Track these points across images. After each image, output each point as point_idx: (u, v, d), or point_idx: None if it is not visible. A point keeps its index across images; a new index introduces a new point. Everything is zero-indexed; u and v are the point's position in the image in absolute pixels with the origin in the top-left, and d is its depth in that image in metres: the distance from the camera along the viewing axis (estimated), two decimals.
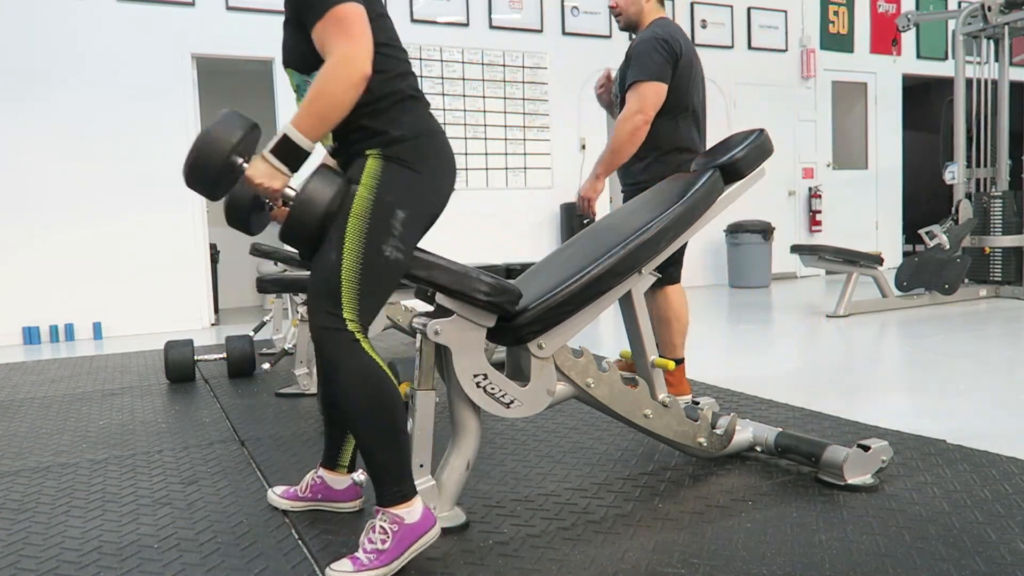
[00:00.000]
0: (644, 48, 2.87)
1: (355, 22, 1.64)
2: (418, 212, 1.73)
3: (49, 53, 5.61)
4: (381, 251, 1.66)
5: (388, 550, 1.62)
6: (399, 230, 1.68)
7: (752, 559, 1.64)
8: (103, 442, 2.81)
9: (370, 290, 1.66)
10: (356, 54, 1.62)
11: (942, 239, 5.79)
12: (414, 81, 1.82)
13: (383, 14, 1.77)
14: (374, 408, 1.64)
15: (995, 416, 2.80)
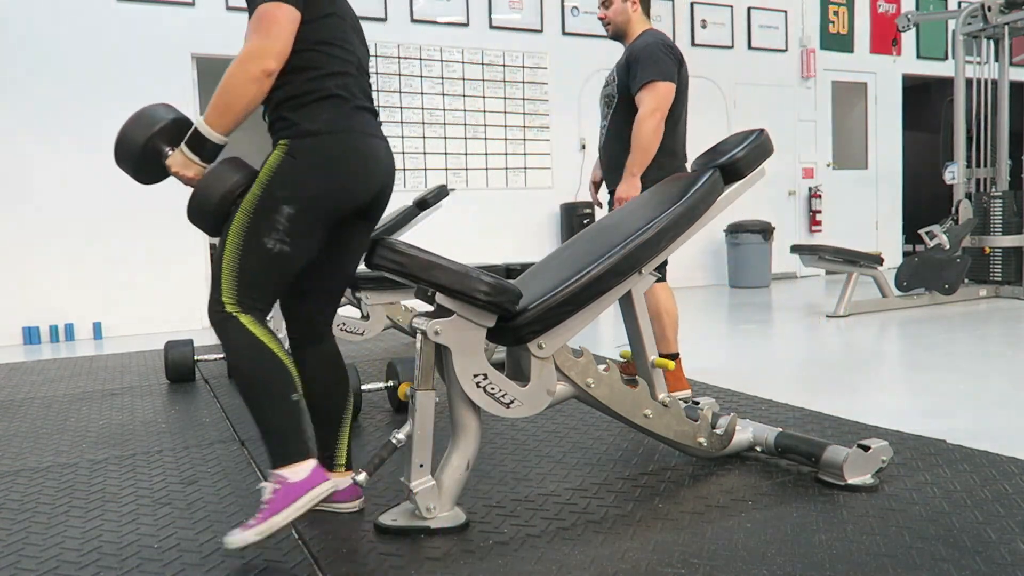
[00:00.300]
0: (652, 51, 3.02)
1: (274, 21, 1.72)
2: (309, 207, 1.77)
3: (49, 53, 5.61)
4: (263, 244, 1.75)
5: (270, 507, 1.69)
6: (284, 224, 1.75)
7: (752, 559, 1.64)
8: (103, 442, 2.81)
9: (254, 279, 1.76)
10: (262, 50, 1.71)
11: (942, 239, 5.79)
12: (348, 82, 1.87)
13: (331, 14, 1.86)
14: (255, 378, 1.73)
15: (995, 416, 2.80)
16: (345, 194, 1.82)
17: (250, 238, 1.74)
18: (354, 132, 1.84)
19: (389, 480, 2.19)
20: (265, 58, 1.71)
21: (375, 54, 6.59)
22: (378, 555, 1.73)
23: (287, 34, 1.74)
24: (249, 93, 1.73)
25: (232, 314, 1.74)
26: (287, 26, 1.74)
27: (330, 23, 1.85)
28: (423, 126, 6.82)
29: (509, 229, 7.16)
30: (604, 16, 3.21)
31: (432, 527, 1.83)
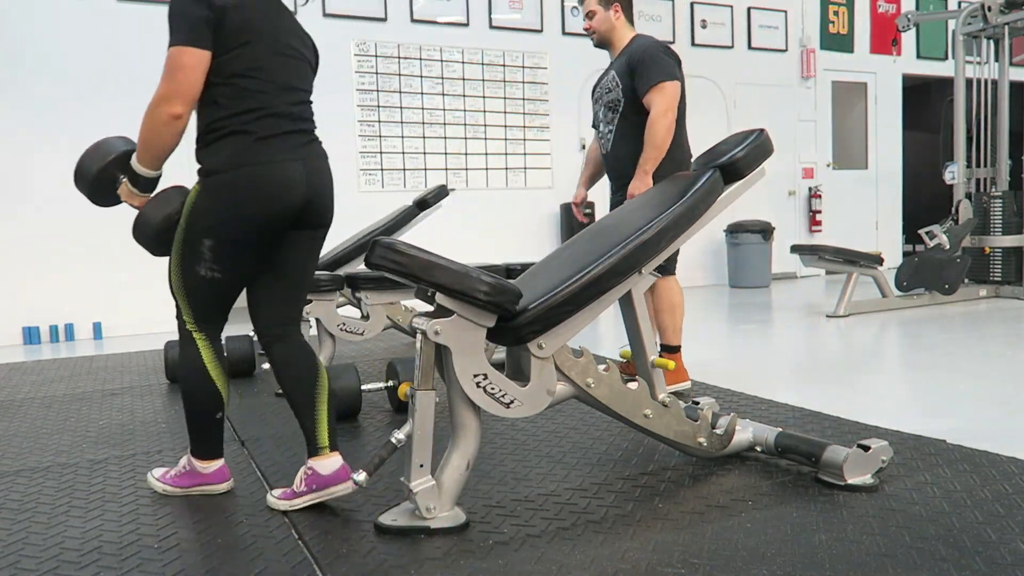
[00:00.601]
0: (653, 53, 3.15)
1: (179, 68, 1.86)
2: (225, 238, 1.96)
3: (49, 53, 5.61)
4: (196, 272, 1.99)
5: (180, 477, 2.18)
6: (208, 255, 1.97)
7: (752, 559, 1.64)
8: (103, 442, 2.81)
9: (200, 301, 2.05)
10: (167, 96, 1.87)
11: (942, 239, 5.79)
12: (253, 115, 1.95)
13: (245, 43, 1.92)
14: (190, 392, 2.10)
15: (995, 416, 2.80)
16: (256, 220, 1.96)
17: (186, 268, 2.00)
18: (257, 164, 1.94)
19: (389, 480, 2.19)
20: (171, 104, 1.87)
21: (375, 54, 6.59)
22: (378, 555, 1.73)
23: (192, 79, 1.87)
24: (162, 135, 1.92)
25: (192, 334, 2.08)
26: (192, 72, 1.87)
27: (244, 53, 1.93)
28: (423, 126, 6.82)
29: (509, 229, 7.16)
30: (589, 27, 3.33)
31: (432, 527, 1.83)
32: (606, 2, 3.28)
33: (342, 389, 2.92)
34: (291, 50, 2.06)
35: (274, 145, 1.98)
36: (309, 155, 2.07)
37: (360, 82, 6.55)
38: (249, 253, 2.01)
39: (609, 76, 3.30)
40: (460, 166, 6.97)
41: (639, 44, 3.22)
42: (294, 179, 1.99)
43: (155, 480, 2.22)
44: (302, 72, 2.11)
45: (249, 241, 1.99)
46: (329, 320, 3.54)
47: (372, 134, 6.62)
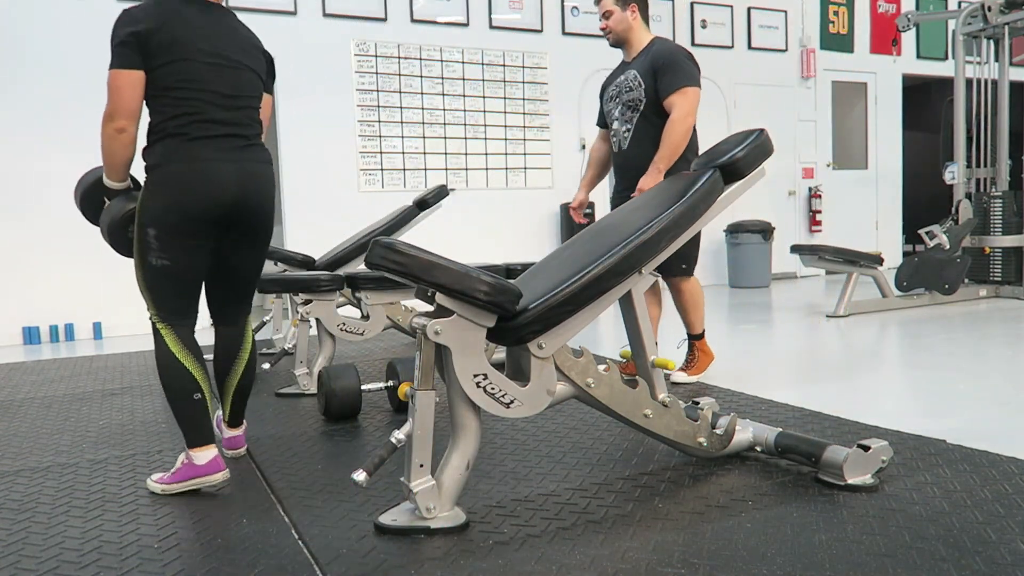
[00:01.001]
0: (677, 59, 3.25)
1: (114, 87, 2.12)
2: (162, 226, 2.17)
3: (49, 53, 5.61)
4: (149, 262, 2.20)
5: (175, 474, 2.24)
6: (154, 243, 2.17)
7: (752, 559, 1.64)
8: (103, 442, 2.81)
9: (159, 292, 2.23)
10: (111, 113, 2.13)
11: (942, 239, 5.79)
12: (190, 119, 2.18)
13: (173, 61, 2.15)
14: (167, 382, 2.24)
15: (995, 416, 2.80)
16: (187, 211, 2.18)
17: (142, 260, 2.21)
18: (185, 161, 2.18)
19: (389, 480, 2.19)
20: (115, 120, 2.13)
21: (375, 54, 6.59)
22: (378, 555, 1.73)
23: (129, 95, 2.13)
24: (114, 147, 2.17)
25: (156, 327, 2.24)
26: (128, 89, 2.12)
27: (172, 69, 2.16)
28: (423, 126, 6.82)
29: (509, 229, 7.16)
30: (605, 26, 3.40)
31: (432, 527, 1.83)
32: (623, 2, 3.34)
33: (342, 389, 2.93)
34: (228, 61, 2.26)
35: (205, 146, 2.20)
36: (243, 158, 2.27)
37: (360, 82, 6.55)
38: (188, 242, 2.22)
39: (629, 75, 3.36)
40: (460, 166, 6.97)
41: (662, 47, 3.32)
42: (222, 177, 2.21)
43: (154, 483, 2.26)
44: (242, 80, 2.30)
45: (185, 231, 2.20)
46: (329, 320, 3.54)
47: (372, 134, 6.62)
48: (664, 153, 3.17)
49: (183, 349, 2.23)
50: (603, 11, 3.38)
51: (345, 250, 4.31)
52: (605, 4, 3.37)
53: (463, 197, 6.83)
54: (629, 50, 3.42)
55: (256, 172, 2.30)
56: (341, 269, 4.15)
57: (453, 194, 5.35)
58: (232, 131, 2.25)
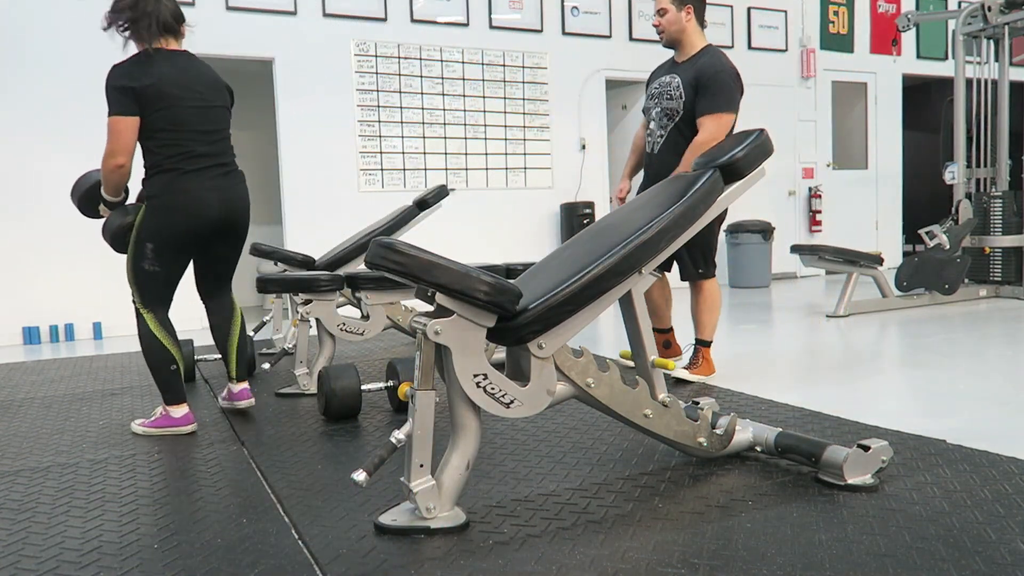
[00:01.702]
0: (721, 79, 3.22)
1: (115, 131, 2.61)
2: (160, 242, 2.75)
3: (49, 54, 5.61)
4: (142, 267, 2.78)
5: (155, 421, 2.87)
6: (151, 254, 2.76)
7: (752, 559, 1.64)
8: (103, 442, 2.81)
9: (146, 288, 2.82)
10: (112, 152, 2.63)
11: (942, 239, 5.79)
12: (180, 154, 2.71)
13: (165, 107, 2.65)
14: (148, 354, 2.80)
15: (995, 416, 2.80)
16: (181, 232, 2.76)
17: (136, 264, 2.79)
18: (180, 193, 2.72)
19: (389, 480, 2.19)
20: (115, 158, 2.64)
21: (375, 54, 6.59)
22: (378, 555, 1.73)
23: (127, 137, 2.62)
24: (113, 179, 2.70)
25: (140, 310, 2.82)
26: (126, 132, 2.61)
27: (162, 115, 2.65)
28: (423, 126, 6.82)
29: (509, 229, 7.16)
30: (659, 24, 3.37)
31: (432, 527, 1.83)
32: (680, 2, 3.31)
33: (342, 389, 2.93)
34: (205, 102, 2.76)
35: (195, 179, 2.74)
36: (224, 186, 2.82)
37: (360, 82, 6.55)
38: (178, 255, 2.83)
39: (674, 83, 3.36)
40: (460, 166, 6.97)
41: (712, 61, 3.27)
42: (209, 204, 2.77)
43: (137, 426, 2.89)
44: (217, 116, 2.82)
45: (177, 246, 2.80)
46: (329, 320, 3.54)
47: (372, 134, 6.62)
48: (682, 169, 3.17)
49: (161, 329, 2.81)
50: (658, 7, 3.34)
51: (345, 250, 4.31)
52: (661, 1, 3.33)
53: (463, 197, 6.83)
54: (681, 52, 3.40)
55: (236, 195, 2.87)
56: (341, 269, 4.15)
57: (453, 194, 5.35)
58: (214, 162, 2.79)
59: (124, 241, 2.79)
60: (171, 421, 2.85)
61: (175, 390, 2.84)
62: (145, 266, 2.76)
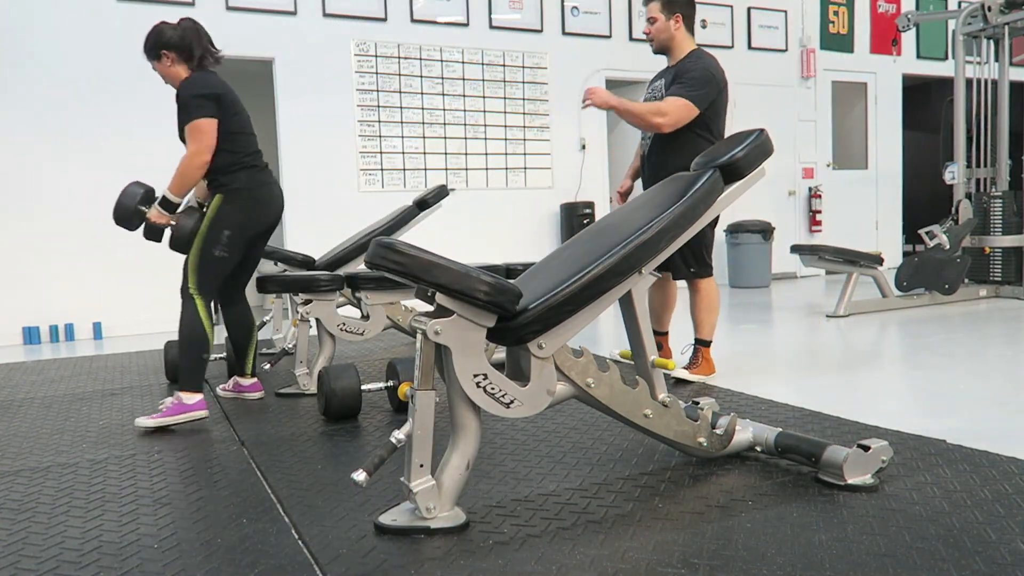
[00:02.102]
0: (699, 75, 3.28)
1: (203, 132, 2.92)
2: (237, 231, 3.01)
3: (50, 54, 5.61)
4: (212, 253, 2.98)
5: (169, 410, 2.93)
6: (225, 241, 2.99)
7: (752, 559, 1.64)
8: (103, 442, 2.81)
9: (207, 275, 3.00)
10: (199, 152, 2.92)
11: (942, 239, 5.78)
12: (252, 154, 3.08)
13: (234, 112, 3.01)
14: (188, 337, 2.96)
15: (995, 416, 2.80)
16: (254, 222, 3.08)
17: (206, 250, 2.97)
18: (263, 186, 3.09)
19: (389, 480, 2.19)
20: (202, 155, 2.92)
21: (375, 54, 6.60)
22: (378, 555, 1.73)
23: (211, 137, 2.93)
24: (196, 176, 2.97)
25: (192, 295, 2.96)
26: (210, 132, 2.93)
27: (235, 120, 3.02)
28: (423, 126, 6.82)
29: (509, 229, 7.16)
30: (649, 31, 3.43)
31: (432, 527, 1.83)
32: (668, 11, 3.36)
33: (342, 389, 2.93)
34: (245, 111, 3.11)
35: (265, 174, 3.12)
36: (277, 183, 3.22)
37: (360, 82, 6.55)
38: (245, 245, 3.08)
39: (661, 85, 3.44)
40: (460, 166, 6.97)
41: (694, 61, 3.33)
42: (278, 199, 3.18)
43: (147, 420, 2.89)
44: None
45: (248, 237, 3.07)
46: (329, 320, 3.54)
47: (372, 134, 6.63)
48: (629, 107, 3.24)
49: (207, 316, 2.97)
50: (648, 16, 3.41)
51: (345, 250, 4.31)
52: (651, 10, 3.39)
53: (463, 197, 6.83)
54: (671, 57, 3.45)
55: (282, 192, 3.24)
56: (341, 269, 4.15)
57: (453, 194, 5.35)
58: (265, 162, 3.17)
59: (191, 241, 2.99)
60: (185, 407, 2.93)
61: (197, 378, 2.97)
62: (216, 252, 2.96)
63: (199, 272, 2.96)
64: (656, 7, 3.36)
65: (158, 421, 2.89)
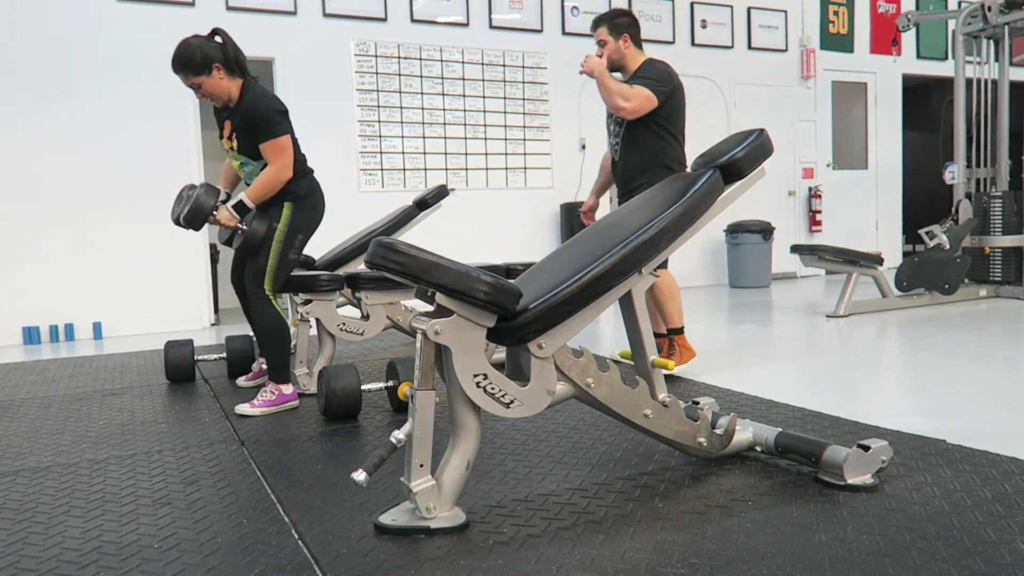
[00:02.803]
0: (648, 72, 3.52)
1: (287, 148, 3.08)
2: (308, 234, 3.22)
3: (48, 54, 5.61)
4: (288, 256, 3.15)
5: (271, 401, 3.13)
6: (298, 244, 3.18)
7: (752, 559, 1.64)
8: (103, 442, 2.81)
9: (281, 275, 3.15)
10: (286, 167, 3.08)
11: (942, 239, 5.79)
12: (305, 159, 3.26)
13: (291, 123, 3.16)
14: (276, 335, 3.14)
15: (995, 416, 2.80)
16: (316, 224, 3.28)
17: (284, 254, 3.13)
18: (320, 191, 3.29)
19: (389, 480, 2.19)
20: (287, 171, 3.09)
21: (375, 54, 6.60)
22: (378, 555, 1.73)
23: (291, 152, 3.10)
24: (277, 188, 3.09)
25: (270, 296, 3.13)
26: (290, 147, 3.09)
27: (292, 129, 3.14)
28: (423, 126, 6.82)
29: (509, 229, 7.16)
30: (600, 55, 3.63)
31: (432, 527, 1.83)
32: (616, 33, 3.59)
33: (342, 389, 2.93)
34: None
35: (315, 179, 3.29)
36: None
37: (360, 82, 6.55)
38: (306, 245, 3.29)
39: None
40: (460, 166, 6.97)
41: (646, 66, 3.57)
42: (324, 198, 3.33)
43: (249, 408, 3.10)
44: None
45: (309, 237, 3.26)
46: (329, 320, 3.54)
47: (372, 134, 6.63)
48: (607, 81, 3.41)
49: (283, 310, 3.18)
50: (598, 39, 3.63)
51: (345, 250, 4.31)
52: (600, 34, 3.61)
53: (463, 197, 6.83)
54: (625, 74, 3.65)
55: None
56: (341, 269, 4.14)
57: (453, 194, 5.35)
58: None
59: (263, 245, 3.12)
60: (285, 398, 3.15)
61: (288, 369, 3.19)
62: (292, 255, 3.13)
63: (276, 273, 3.11)
64: (604, 31, 3.59)
65: (262, 410, 3.09)
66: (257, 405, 3.10)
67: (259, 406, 3.10)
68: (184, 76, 3.06)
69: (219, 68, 3.03)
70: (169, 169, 5.95)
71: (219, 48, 3.04)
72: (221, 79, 3.05)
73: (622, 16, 3.62)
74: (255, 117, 3.01)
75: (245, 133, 3.06)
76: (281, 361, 3.16)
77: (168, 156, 5.95)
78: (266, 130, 3.01)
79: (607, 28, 3.59)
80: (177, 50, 3.03)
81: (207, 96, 3.09)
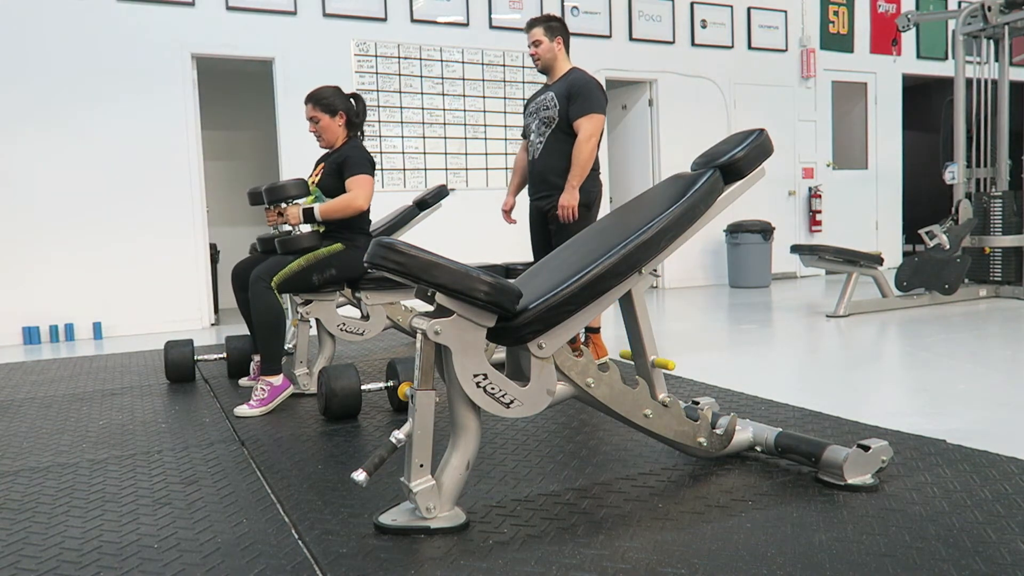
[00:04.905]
0: (591, 88, 3.72)
1: (369, 185, 3.36)
2: (339, 274, 3.37)
3: (47, 53, 5.61)
4: (310, 276, 3.30)
5: (265, 398, 3.16)
6: (325, 276, 3.33)
7: (752, 559, 1.64)
8: (103, 442, 2.81)
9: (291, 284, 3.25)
10: (363, 197, 3.33)
11: (942, 239, 5.79)
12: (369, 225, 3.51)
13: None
14: (273, 326, 3.18)
15: (995, 416, 2.80)
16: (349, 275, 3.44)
17: (309, 270, 3.28)
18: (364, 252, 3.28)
19: (389, 480, 2.19)
20: (363, 202, 3.33)
21: (375, 54, 6.60)
22: (378, 555, 1.73)
23: (371, 190, 3.36)
24: (348, 212, 3.32)
25: (273, 290, 3.19)
26: (371, 186, 3.37)
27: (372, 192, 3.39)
28: (423, 126, 6.82)
29: (509, 229, 7.16)
30: (535, 53, 3.85)
31: (432, 527, 1.83)
32: (551, 35, 3.83)
33: (342, 389, 2.93)
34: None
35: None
36: None
37: (360, 82, 6.56)
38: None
39: (548, 96, 3.82)
40: (460, 166, 6.98)
41: (579, 76, 3.76)
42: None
43: (249, 410, 3.11)
44: None
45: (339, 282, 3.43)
46: (329, 320, 3.54)
47: (372, 134, 6.63)
48: (576, 172, 3.63)
49: (281, 301, 3.24)
50: (532, 40, 3.82)
51: None
52: (535, 35, 3.82)
53: (463, 197, 6.83)
54: (552, 75, 3.86)
55: None
56: None
57: (453, 194, 5.35)
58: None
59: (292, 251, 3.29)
60: (278, 390, 3.20)
61: (278, 361, 3.25)
62: (314, 279, 3.29)
63: (288, 279, 3.22)
64: (540, 32, 3.80)
65: (260, 409, 3.12)
66: (254, 406, 3.12)
67: (256, 406, 3.12)
68: (312, 107, 3.47)
69: (342, 116, 3.50)
70: (169, 169, 5.95)
71: (350, 104, 3.54)
72: (339, 126, 3.50)
73: (557, 20, 3.84)
74: (350, 157, 3.36)
75: (334, 172, 3.38)
76: (273, 352, 3.21)
77: (168, 156, 5.95)
78: (356, 168, 3.33)
79: (543, 29, 3.80)
80: (320, 88, 3.50)
81: (318, 132, 3.49)
